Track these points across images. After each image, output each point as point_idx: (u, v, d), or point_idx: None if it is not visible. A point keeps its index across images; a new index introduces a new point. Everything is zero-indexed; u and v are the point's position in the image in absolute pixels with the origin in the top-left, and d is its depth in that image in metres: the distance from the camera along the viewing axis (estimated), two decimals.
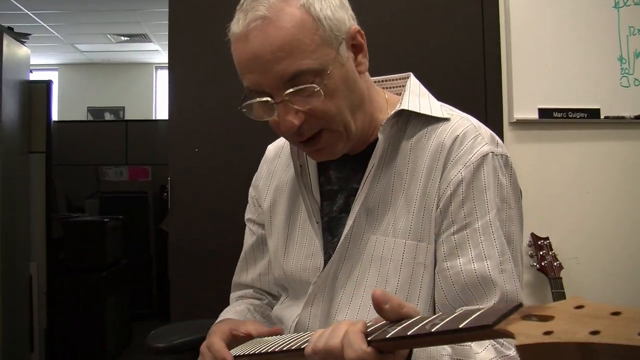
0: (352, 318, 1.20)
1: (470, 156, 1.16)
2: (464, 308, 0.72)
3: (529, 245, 2.72)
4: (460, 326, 0.67)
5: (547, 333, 0.54)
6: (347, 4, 1.19)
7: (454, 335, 0.69)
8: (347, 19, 1.16)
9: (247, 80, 1.13)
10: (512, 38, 2.85)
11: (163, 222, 6.00)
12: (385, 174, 1.23)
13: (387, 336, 0.77)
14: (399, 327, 0.77)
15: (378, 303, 0.81)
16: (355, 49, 1.19)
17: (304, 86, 1.09)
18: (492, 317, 0.64)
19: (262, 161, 1.53)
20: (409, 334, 0.74)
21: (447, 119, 1.23)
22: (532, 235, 2.73)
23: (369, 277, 1.21)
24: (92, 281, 4.80)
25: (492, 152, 1.17)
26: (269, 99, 1.11)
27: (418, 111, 1.23)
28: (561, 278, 2.67)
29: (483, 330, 0.65)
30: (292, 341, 0.99)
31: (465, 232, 1.14)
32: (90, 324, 4.73)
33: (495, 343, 1.09)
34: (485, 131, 1.22)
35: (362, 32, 1.19)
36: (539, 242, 2.72)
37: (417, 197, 1.19)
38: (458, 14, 2.91)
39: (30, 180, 4.46)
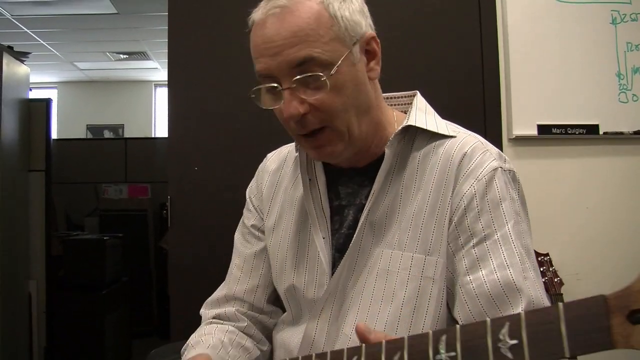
0: None
1: (482, 170, 1.17)
2: (518, 315, 0.65)
3: None
4: (568, 354, 0.60)
5: None
6: (367, 13, 1.22)
7: None
8: (365, 25, 1.19)
9: (258, 64, 1.15)
10: (510, 55, 2.86)
11: (163, 239, 6.00)
12: (393, 187, 1.23)
13: None
14: (468, 353, 0.68)
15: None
16: (369, 54, 1.21)
17: (312, 74, 1.11)
18: (596, 330, 0.58)
19: (261, 169, 1.51)
20: None
21: (453, 136, 1.24)
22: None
23: (375, 290, 1.20)
24: (91, 299, 4.79)
25: (501, 167, 1.19)
26: (276, 85, 1.14)
27: (425, 127, 1.24)
28: (562, 294, 2.66)
29: (597, 351, 0.58)
30: None
31: (485, 244, 1.14)
32: (89, 342, 4.71)
33: None
34: (493, 148, 1.23)
35: (378, 40, 1.22)
36: (539, 259, 2.71)
37: (426, 211, 1.19)
38: (456, 30, 2.92)
39: (29, 198, 4.47)
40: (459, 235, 1.16)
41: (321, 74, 1.11)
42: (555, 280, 2.67)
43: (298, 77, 1.11)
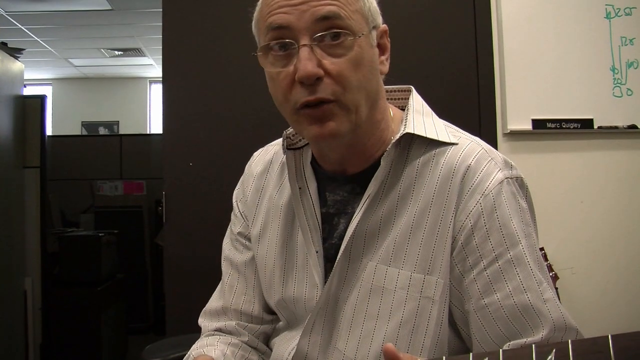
0: (353, 346, 1.15)
1: (488, 184, 1.10)
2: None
3: None
4: None
5: None
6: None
7: None
8: (380, 19, 1.17)
9: (273, 16, 1.07)
10: (505, 49, 2.87)
11: (158, 236, 5.99)
12: (387, 196, 1.15)
13: None
14: None
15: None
16: (381, 48, 1.18)
17: (338, 30, 1.05)
18: None
19: (247, 171, 1.42)
20: None
21: (454, 143, 1.16)
22: None
23: (370, 307, 1.15)
24: (87, 296, 4.78)
25: (507, 178, 1.12)
26: (293, 40, 1.06)
27: (424, 135, 1.16)
28: (557, 288, 2.67)
29: None
30: None
31: (497, 264, 1.07)
32: (85, 339, 4.70)
33: None
34: (497, 155, 1.16)
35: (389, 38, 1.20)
36: None
37: (426, 227, 1.12)
38: (451, 25, 2.93)
39: (24, 195, 4.45)
40: (467, 256, 1.10)
41: (348, 31, 1.06)
42: (550, 274, 2.68)
43: (321, 33, 1.05)
